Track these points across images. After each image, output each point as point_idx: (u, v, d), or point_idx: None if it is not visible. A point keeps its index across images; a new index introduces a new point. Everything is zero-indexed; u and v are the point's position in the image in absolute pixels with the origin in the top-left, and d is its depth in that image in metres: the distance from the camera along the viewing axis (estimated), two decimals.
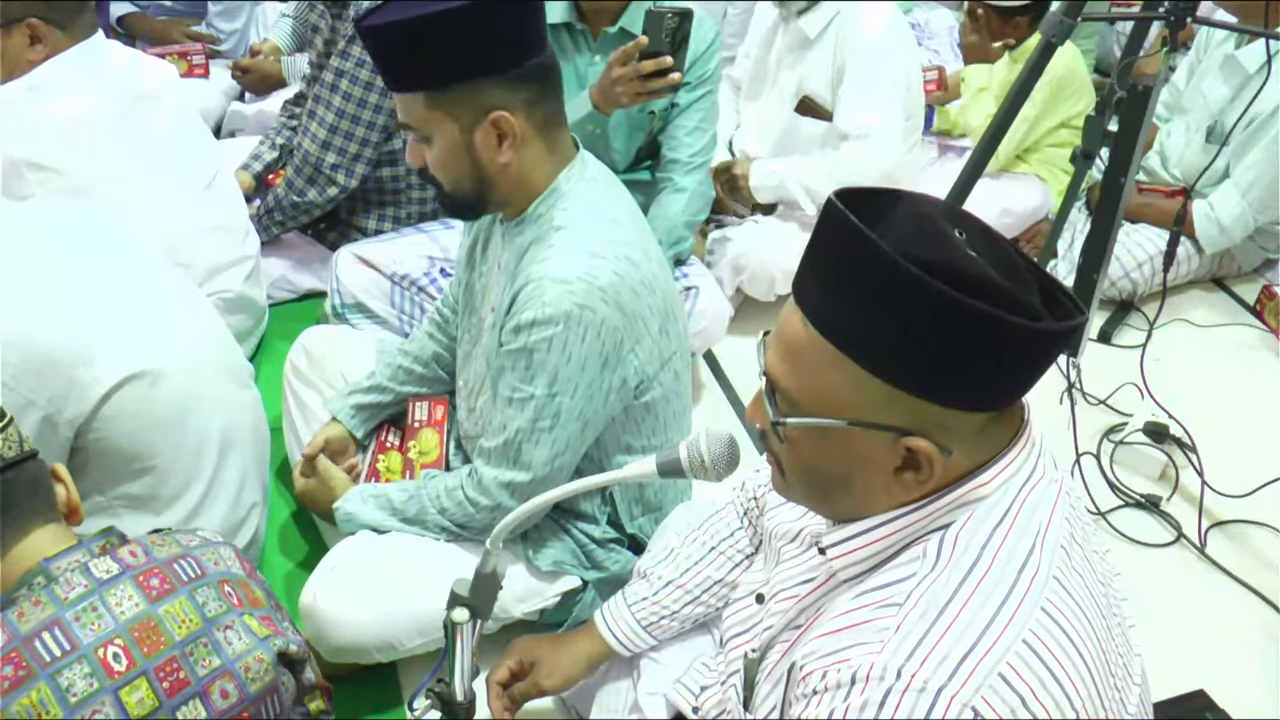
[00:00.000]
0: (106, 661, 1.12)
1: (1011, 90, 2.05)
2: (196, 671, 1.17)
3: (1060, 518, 0.98)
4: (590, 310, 1.52)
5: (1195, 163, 2.85)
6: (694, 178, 2.48)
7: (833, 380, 0.93)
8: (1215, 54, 2.86)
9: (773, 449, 1.04)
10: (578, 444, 1.64)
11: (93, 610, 1.15)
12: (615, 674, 1.55)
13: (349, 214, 2.77)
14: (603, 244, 1.56)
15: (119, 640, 1.14)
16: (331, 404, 1.99)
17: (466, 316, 1.83)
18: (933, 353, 0.88)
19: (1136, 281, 2.85)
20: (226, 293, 2.32)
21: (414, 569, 1.69)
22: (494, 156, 1.54)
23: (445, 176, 1.58)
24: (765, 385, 1.00)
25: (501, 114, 1.51)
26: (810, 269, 0.95)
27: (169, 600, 1.19)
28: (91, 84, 2.06)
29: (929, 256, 0.86)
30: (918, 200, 0.95)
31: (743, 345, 2.71)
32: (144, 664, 1.14)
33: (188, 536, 1.31)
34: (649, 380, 1.66)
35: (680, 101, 2.46)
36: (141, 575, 1.20)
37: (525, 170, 1.58)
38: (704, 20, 2.42)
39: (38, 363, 1.59)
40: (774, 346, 0.99)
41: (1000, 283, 0.87)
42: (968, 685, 0.87)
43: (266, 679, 1.22)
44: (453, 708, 1.34)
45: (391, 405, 2.00)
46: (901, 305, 0.87)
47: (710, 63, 2.44)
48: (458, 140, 1.53)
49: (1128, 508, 2.30)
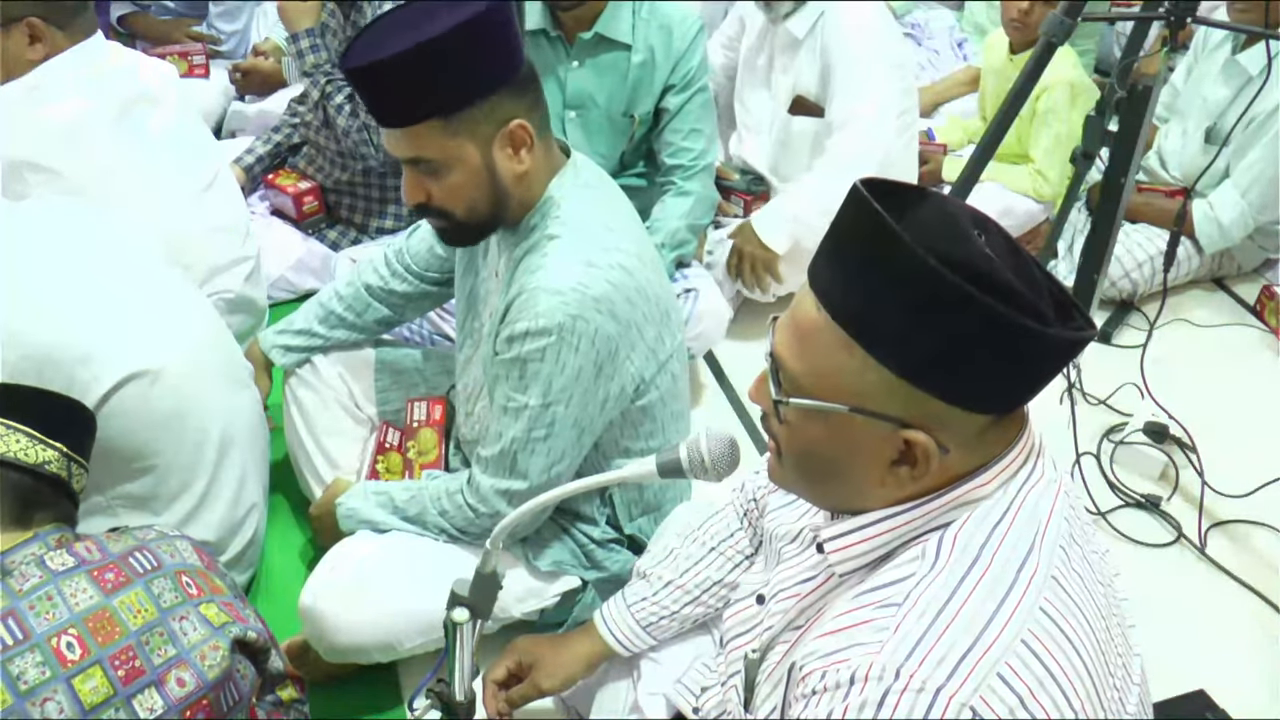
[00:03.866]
0: (60, 650, 1.13)
1: (1011, 90, 2.05)
2: (153, 660, 1.18)
3: (1059, 517, 0.98)
4: (584, 320, 1.52)
5: (1194, 163, 2.85)
6: (698, 181, 2.48)
7: (839, 364, 0.93)
8: (1215, 57, 2.85)
9: (772, 430, 1.04)
10: (574, 452, 1.64)
11: (48, 599, 1.16)
12: (615, 674, 1.55)
13: (349, 213, 2.78)
14: (597, 252, 1.55)
15: (73, 630, 1.15)
16: (263, 339, 2.05)
17: (468, 322, 1.83)
18: (942, 346, 0.89)
19: (1137, 281, 2.85)
20: (227, 293, 2.32)
21: (414, 569, 1.69)
22: (512, 167, 1.52)
23: (461, 203, 1.54)
24: (770, 365, 1.00)
25: (520, 122, 1.50)
26: (828, 254, 0.95)
27: (124, 592, 1.20)
28: (91, 84, 2.06)
29: (948, 252, 0.87)
30: (943, 200, 0.95)
31: (743, 346, 2.71)
32: (98, 653, 1.15)
33: (144, 531, 1.33)
34: (646, 384, 1.66)
35: (669, 107, 2.44)
36: (96, 570, 1.21)
37: (532, 177, 1.57)
38: (684, 18, 2.40)
39: (38, 362, 1.59)
40: (784, 327, 0.99)
41: (1016, 285, 0.87)
42: (966, 685, 0.87)
43: (223, 666, 1.23)
44: (453, 708, 1.34)
45: (319, 349, 2.04)
46: (917, 296, 0.87)
47: (693, 60, 2.41)
48: (478, 161, 1.50)
49: (1128, 508, 2.30)
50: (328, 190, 2.78)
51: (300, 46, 2.57)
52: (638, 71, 2.41)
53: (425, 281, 2.00)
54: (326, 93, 2.55)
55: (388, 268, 2.01)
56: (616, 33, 2.36)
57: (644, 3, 2.39)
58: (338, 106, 2.53)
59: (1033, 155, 2.98)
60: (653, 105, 2.46)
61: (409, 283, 2.00)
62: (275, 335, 2.06)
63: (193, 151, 2.29)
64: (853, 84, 2.57)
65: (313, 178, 2.78)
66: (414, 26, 1.42)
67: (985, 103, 3.22)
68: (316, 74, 2.56)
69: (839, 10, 2.58)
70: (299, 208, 2.76)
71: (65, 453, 1.32)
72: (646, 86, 2.44)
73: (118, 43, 2.26)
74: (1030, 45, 2.76)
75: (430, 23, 1.41)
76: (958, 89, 3.55)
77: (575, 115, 2.46)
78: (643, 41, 2.40)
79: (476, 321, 1.80)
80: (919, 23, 3.95)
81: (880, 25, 2.62)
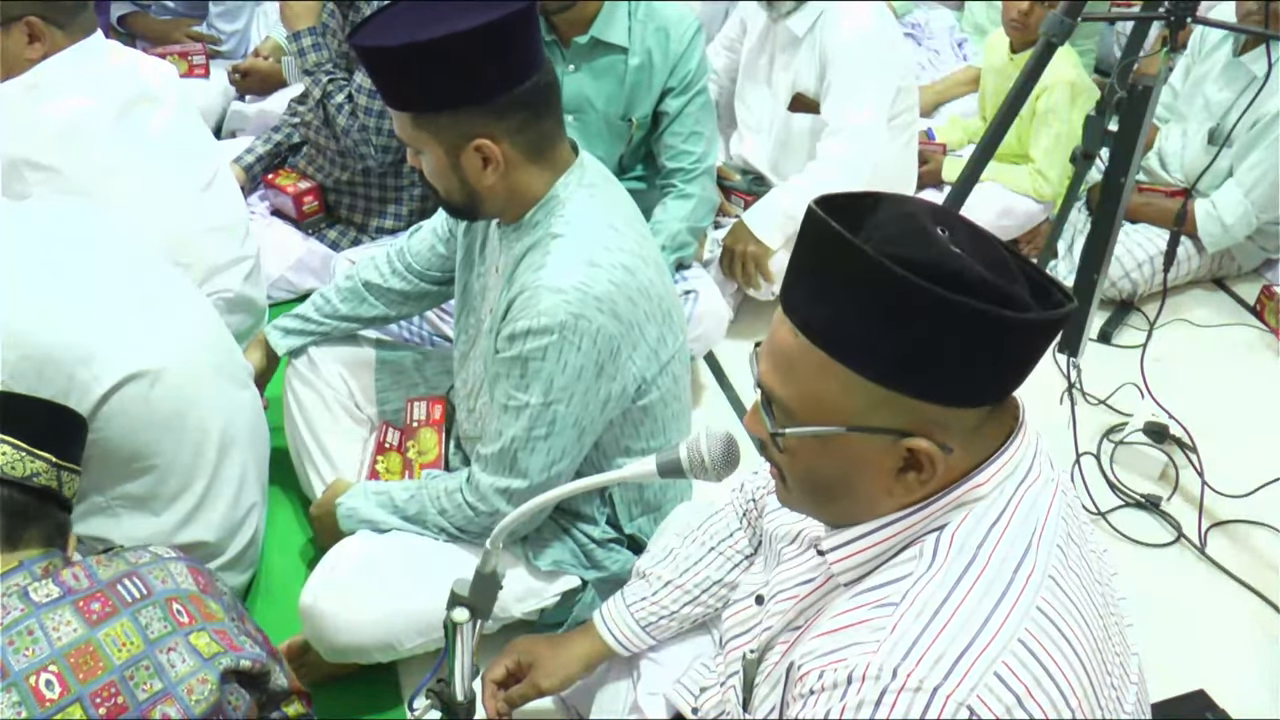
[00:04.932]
0: (38, 689, 1.10)
1: (1011, 90, 2.05)
2: (137, 696, 1.15)
3: (1057, 516, 0.98)
4: (586, 320, 1.52)
5: (1196, 164, 2.85)
6: (698, 184, 2.47)
7: (826, 387, 0.93)
8: (1215, 58, 2.85)
9: (774, 459, 1.03)
10: (575, 451, 1.64)
11: (28, 634, 1.13)
12: (615, 674, 1.55)
13: (349, 213, 2.78)
14: (599, 252, 1.55)
15: (53, 667, 1.12)
16: (265, 328, 2.09)
17: (464, 317, 1.83)
18: (922, 351, 0.88)
19: (1137, 281, 2.85)
20: (226, 292, 2.32)
21: (414, 569, 1.69)
22: (480, 179, 1.56)
23: (438, 185, 1.61)
24: (760, 397, 1.00)
25: (484, 142, 1.52)
26: (795, 277, 0.95)
27: (110, 623, 1.17)
28: (90, 84, 2.05)
29: (913, 256, 0.86)
30: (900, 201, 0.95)
31: (743, 346, 2.71)
32: (79, 690, 1.12)
33: (137, 554, 1.30)
34: (648, 384, 1.66)
35: (669, 110, 2.42)
36: (83, 600, 1.18)
37: (515, 188, 1.58)
38: (681, 19, 2.38)
39: (38, 362, 1.59)
40: (766, 357, 0.98)
41: (986, 277, 0.87)
42: (963, 685, 0.87)
43: (211, 700, 1.20)
44: (453, 708, 1.34)
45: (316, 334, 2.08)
46: (888, 306, 0.87)
47: (691, 62, 2.40)
48: (444, 160, 1.55)
49: (1128, 508, 2.30)
50: (328, 190, 2.78)
51: (301, 45, 2.57)
52: (635, 75, 2.41)
53: (425, 281, 2.01)
54: (327, 91, 2.55)
55: (388, 266, 2.01)
56: (612, 36, 2.36)
57: (640, 4, 2.38)
58: (338, 106, 2.54)
59: (1033, 155, 2.98)
60: (651, 108, 2.45)
61: (409, 282, 2.01)
62: (275, 322, 2.09)
63: (193, 151, 2.29)
64: (846, 89, 2.58)
65: (313, 177, 2.78)
66: (415, 24, 1.46)
67: (985, 103, 3.22)
68: (317, 73, 2.56)
69: (838, 10, 2.58)
70: (299, 208, 2.76)
71: (54, 462, 1.29)
72: (644, 90, 2.43)
73: (118, 42, 2.27)
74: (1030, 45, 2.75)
75: (425, 26, 1.44)
76: (958, 89, 3.55)
77: (573, 120, 2.46)
78: (639, 44, 2.39)
79: (474, 317, 1.80)
80: (919, 23, 3.95)
81: (878, 28, 2.63)
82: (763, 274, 2.65)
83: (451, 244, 1.94)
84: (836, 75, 2.58)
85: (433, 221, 2.00)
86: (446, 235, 1.96)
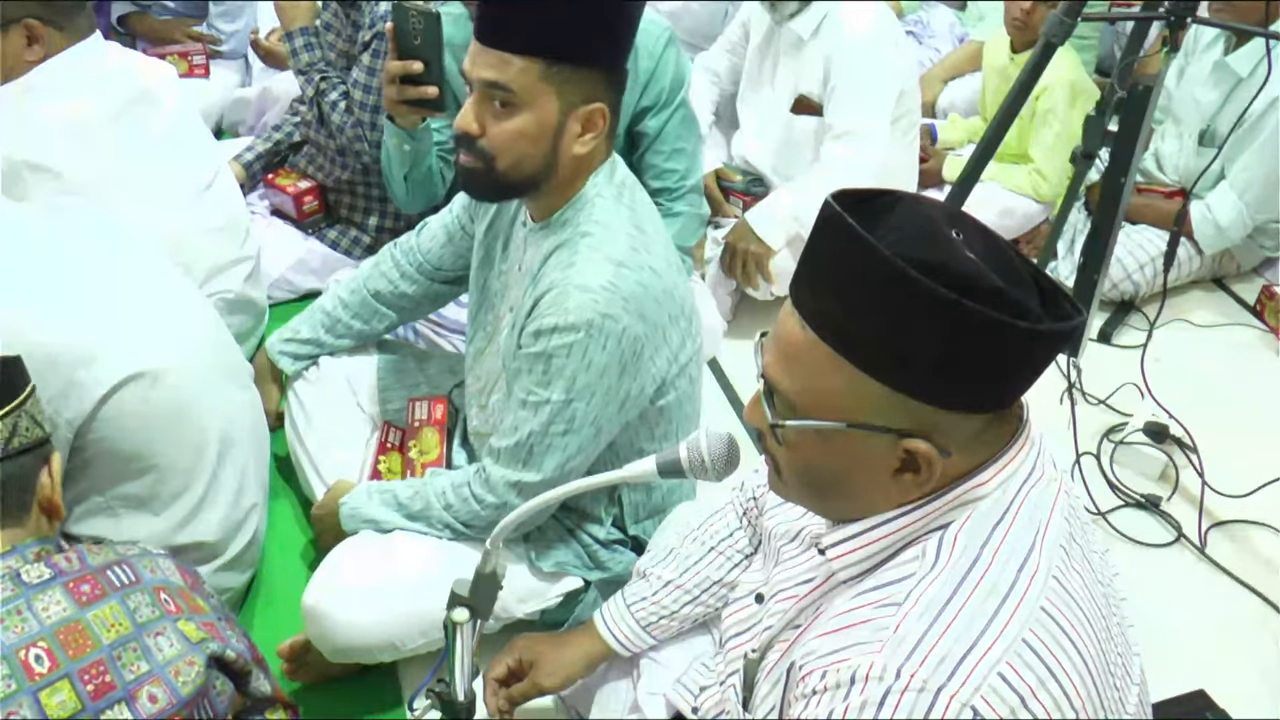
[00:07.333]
0: (27, 663, 1.12)
1: (1012, 90, 2.05)
2: (124, 675, 1.16)
3: (1059, 517, 0.98)
4: (613, 319, 1.52)
5: (1190, 166, 2.86)
6: (685, 202, 2.40)
7: (831, 383, 0.92)
8: (1204, 59, 2.85)
9: (770, 450, 1.03)
10: (590, 449, 1.64)
11: (18, 614, 1.14)
12: (615, 674, 1.55)
13: (349, 212, 2.78)
14: (628, 253, 1.55)
15: (42, 642, 1.13)
16: (270, 346, 2.09)
17: (481, 314, 1.83)
18: (930, 355, 0.88)
19: (1139, 283, 2.85)
20: (227, 293, 2.32)
21: (415, 569, 1.69)
22: (573, 146, 1.53)
23: (510, 153, 1.51)
24: (763, 387, 0.99)
25: (602, 106, 1.51)
26: (807, 271, 0.94)
27: (99, 605, 1.19)
28: (89, 85, 2.06)
29: (927, 258, 0.86)
30: (917, 202, 0.94)
31: (743, 346, 2.69)
32: (68, 666, 1.13)
33: (126, 546, 1.30)
34: (666, 386, 1.66)
35: (648, 130, 2.30)
36: (73, 581, 1.19)
37: (588, 162, 1.57)
38: (647, 33, 2.22)
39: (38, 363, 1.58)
40: (771, 349, 0.98)
41: (998, 284, 0.87)
42: (967, 685, 0.86)
43: (197, 683, 1.21)
44: (453, 708, 1.34)
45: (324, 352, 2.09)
46: (899, 307, 0.87)
47: (664, 80, 2.26)
48: (550, 121, 1.49)
49: (1128, 508, 2.30)
50: (328, 189, 2.78)
51: (294, 45, 2.57)
52: None
53: (436, 280, 2.00)
54: (320, 90, 2.55)
55: (397, 270, 2.00)
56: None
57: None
58: (332, 104, 2.54)
59: (1033, 155, 2.98)
60: (624, 129, 2.32)
61: (419, 284, 2.00)
62: (281, 343, 2.07)
63: (192, 151, 2.29)
64: (851, 92, 2.58)
65: (313, 177, 2.78)
66: None
67: (986, 102, 3.22)
68: (310, 72, 2.57)
69: (843, 12, 2.58)
70: (299, 207, 2.76)
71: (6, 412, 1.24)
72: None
73: (117, 43, 2.27)
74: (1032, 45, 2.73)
75: None
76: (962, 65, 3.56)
77: None
78: None
79: (491, 314, 1.80)
80: (920, 21, 3.96)
81: (882, 30, 2.63)
82: (763, 274, 2.65)
83: (464, 241, 1.92)
84: (841, 78, 2.58)
85: (442, 218, 1.98)
86: (459, 232, 1.95)
